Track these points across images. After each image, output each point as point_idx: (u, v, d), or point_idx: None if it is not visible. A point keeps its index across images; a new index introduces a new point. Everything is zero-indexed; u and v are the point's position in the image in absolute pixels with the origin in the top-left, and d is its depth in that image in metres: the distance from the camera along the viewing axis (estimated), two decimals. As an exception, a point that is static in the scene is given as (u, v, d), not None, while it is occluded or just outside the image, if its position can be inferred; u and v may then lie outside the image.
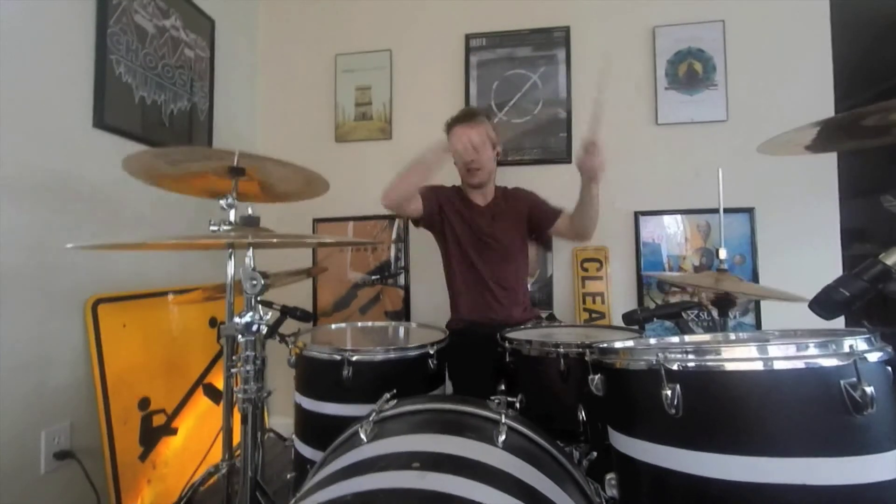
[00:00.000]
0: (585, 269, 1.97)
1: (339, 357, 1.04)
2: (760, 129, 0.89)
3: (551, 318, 1.66)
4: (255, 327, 0.95)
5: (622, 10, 2.00)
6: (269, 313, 1.08)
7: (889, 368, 0.62)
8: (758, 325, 1.86)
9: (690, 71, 1.94)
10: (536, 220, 1.60)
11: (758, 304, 1.86)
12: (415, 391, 0.90)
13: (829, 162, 1.83)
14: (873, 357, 0.60)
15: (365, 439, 0.66)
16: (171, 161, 1.03)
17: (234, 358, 1.01)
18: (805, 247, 1.83)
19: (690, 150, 1.93)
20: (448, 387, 1.27)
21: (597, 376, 0.78)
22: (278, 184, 1.19)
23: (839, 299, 0.63)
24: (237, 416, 1.00)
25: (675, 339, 0.91)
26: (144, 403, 1.46)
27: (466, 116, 1.52)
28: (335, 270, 2.15)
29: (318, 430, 1.08)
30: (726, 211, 1.23)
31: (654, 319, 1.15)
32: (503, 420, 0.68)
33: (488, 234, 1.54)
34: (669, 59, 1.95)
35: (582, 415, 0.99)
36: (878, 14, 2.34)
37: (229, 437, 1.17)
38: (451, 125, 1.52)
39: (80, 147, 1.38)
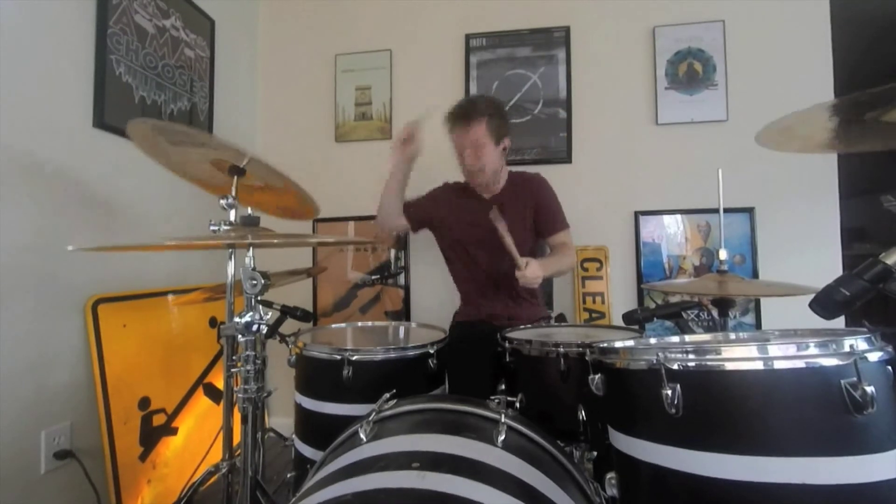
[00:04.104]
0: (585, 269, 1.97)
1: (339, 357, 1.04)
2: (760, 129, 0.89)
3: (560, 318, 1.64)
4: (255, 327, 0.95)
5: (622, 10, 2.00)
6: (269, 313, 1.08)
7: (889, 368, 0.62)
8: (758, 325, 1.86)
9: (690, 71, 1.94)
10: (536, 223, 1.52)
11: (758, 303, 1.86)
12: (415, 391, 0.90)
13: (829, 162, 1.83)
14: (874, 357, 0.60)
15: (365, 439, 0.66)
16: (173, 140, 1.02)
17: (234, 358, 1.01)
18: (805, 247, 1.83)
19: (690, 150, 1.93)
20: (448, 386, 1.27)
21: (597, 376, 0.78)
22: (272, 192, 1.19)
23: (839, 299, 0.63)
24: (237, 416, 1.00)
25: (676, 339, 0.91)
26: (144, 403, 1.46)
27: (463, 117, 1.40)
28: (335, 270, 2.15)
29: (318, 430, 1.08)
30: (726, 211, 1.23)
31: (654, 319, 1.15)
32: (503, 420, 0.68)
33: (487, 231, 1.51)
34: (669, 59, 1.95)
35: (582, 414, 0.99)
36: (878, 14, 2.34)
37: (229, 437, 1.17)
38: (449, 122, 1.45)
39: (80, 147, 1.38)
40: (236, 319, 0.95)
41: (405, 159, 1.49)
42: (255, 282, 0.93)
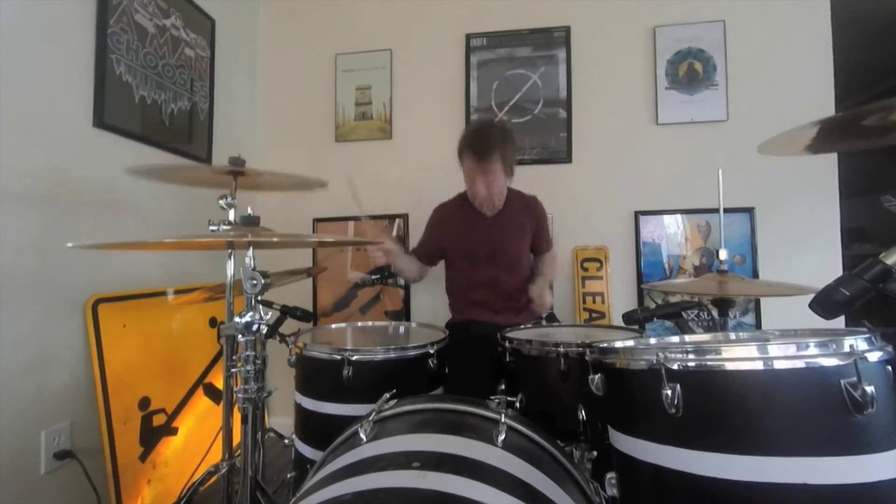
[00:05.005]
0: (585, 269, 1.97)
1: (339, 357, 1.04)
2: (760, 129, 0.89)
3: (551, 318, 1.65)
4: (255, 327, 0.95)
5: (622, 10, 2.00)
6: (270, 313, 1.08)
7: (889, 368, 0.62)
8: (758, 325, 1.86)
9: (690, 71, 1.94)
10: (532, 242, 1.60)
11: (758, 303, 1.86)
12: (415, 391, 0.90)
13: (829, 162, 1.83)
14: (873, 357, 0.60)
15: (365, 439, 0.66)
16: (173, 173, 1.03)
17: (234, 358, 1.01)
18: (805, 247, 1.83)
19: (690, 150, 1.93)
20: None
21: (597, 376, 0.78)
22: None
23: (839, 299, 0.63)
24: (237, 416, 1.00)
25: (676, 339, 0.91)
26: (144, 403, 1.46)
27: (481, 152, 1.39)
28: (335, 270, 2.15)
29: (318, 430, 1.08)
30: (726, 211, 1.23)
31: (654, 319, 1.15)
32: (503, 419, 0.68)
33: (492, 244, 1.52)
34: (669, 59, 1.95)
35: (582, 414, 0.99)
36: (878, 14, 2.34)
37: (229, 437, 1.17)
38: (464, 151, 1.45)
39: (80, 147, 1.38)
40: (236, 319, 0.94)
41: (395, 256, 1.53)
42: (255, 282, 0.93)
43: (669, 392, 0.62)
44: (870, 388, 0.55)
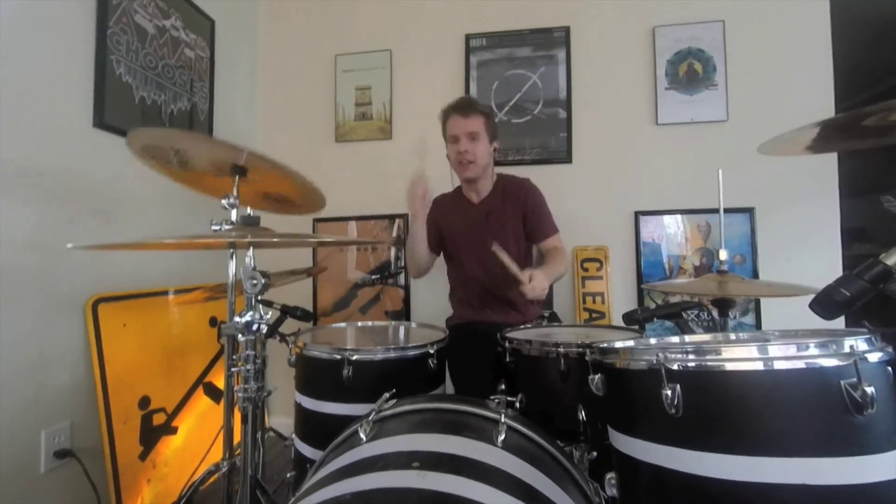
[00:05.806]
0: (585, 269, 1.97)
1: (339, 357, 1.04)
2: (760, 129, 0.89)
3: (553, 317, 1.66)
4: (255, 327, 0.95)
5: (622, 10, 2.00)
6: (270, 313, 1.08)
7: (889, 369, 0.62)
8: (758, 325, 1.86)
9: (690, 71, 1.94)
10: (527, 228, 1.53)
11: (758, 303, 1.86)
12: (415, 391, 0.90)
13: (829, 162, 1.83)
14: (874, 357, 0.60)
15: (364, 439, 0.66)
16: (178, 156, 1.03)
17: (234, 357, 1.01)
18: (805, 247, 1.83)
19: (690, 150, 1.93)
20: (448, 386, 1.27)
21: (597, 376, 0.78)
22: (276, 189, 1.19)
23: (839, 299, 0.63)
24: (237, 416, 1.00)
25: (676, 339, 0.91)
26: (144, 403, 1.46)
27: (462, 107, 1.49)
28: (335, 270, 2.15)
29: (318, 430, 1.08)
30: (726, 211, 1.23)
31: (654, 319, 1.15)
32: (503, 419, 0.68)
33: (482, 232, 1.50)
34: (669, 59, 1.95)
35: (582, 414, 0.99)
36: (878, 14, 2.34)
37: (229, 437, 1.17)
38: (448, 112, 1.51)
39: (80, 147, 1.38)
40: (237, 319, 0.95)
41: (422, 206, 1.51)
42: (255, 281, 0.93)
43: (669, 392, 0.62)
44: (870, 389, 0.55)
